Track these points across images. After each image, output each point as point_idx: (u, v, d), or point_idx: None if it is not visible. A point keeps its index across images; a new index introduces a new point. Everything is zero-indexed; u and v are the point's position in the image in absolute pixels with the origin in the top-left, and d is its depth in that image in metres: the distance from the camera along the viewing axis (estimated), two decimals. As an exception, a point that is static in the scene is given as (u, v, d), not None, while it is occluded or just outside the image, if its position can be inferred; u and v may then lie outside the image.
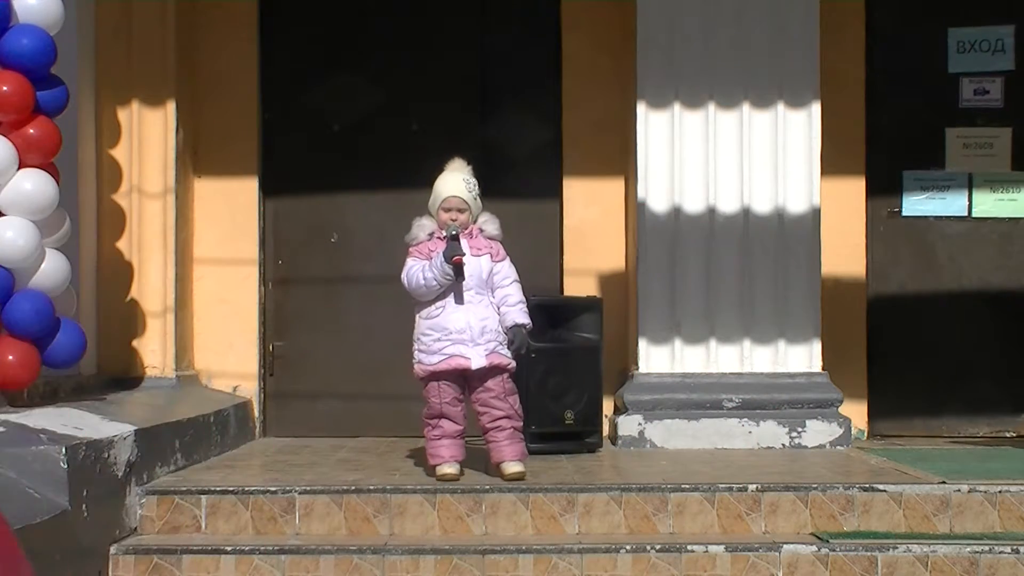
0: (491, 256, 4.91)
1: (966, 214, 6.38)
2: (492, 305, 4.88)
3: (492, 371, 4.82)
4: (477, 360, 4.77)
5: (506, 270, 4.94)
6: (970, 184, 6.38)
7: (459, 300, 4.81)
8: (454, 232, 4.81)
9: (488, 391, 4.83)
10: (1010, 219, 6.37)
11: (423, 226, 4.94)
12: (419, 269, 4.81)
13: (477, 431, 5.03)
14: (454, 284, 4.79)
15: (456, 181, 4.93)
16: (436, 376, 4.82)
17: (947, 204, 6.38)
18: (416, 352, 4.89)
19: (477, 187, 4.97)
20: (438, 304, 4.83)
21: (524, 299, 4.95)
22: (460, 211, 4.89)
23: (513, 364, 4.89)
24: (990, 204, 6.36)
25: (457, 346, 4.78)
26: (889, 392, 6.39)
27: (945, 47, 6.44)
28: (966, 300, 6.34)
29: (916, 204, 6.39)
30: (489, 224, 4.97)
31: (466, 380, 4.86)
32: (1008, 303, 6.34)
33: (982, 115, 6.41)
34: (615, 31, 6.41)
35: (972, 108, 6.41)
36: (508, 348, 4.86)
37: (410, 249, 4.93)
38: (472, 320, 4.80)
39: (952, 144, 6.40)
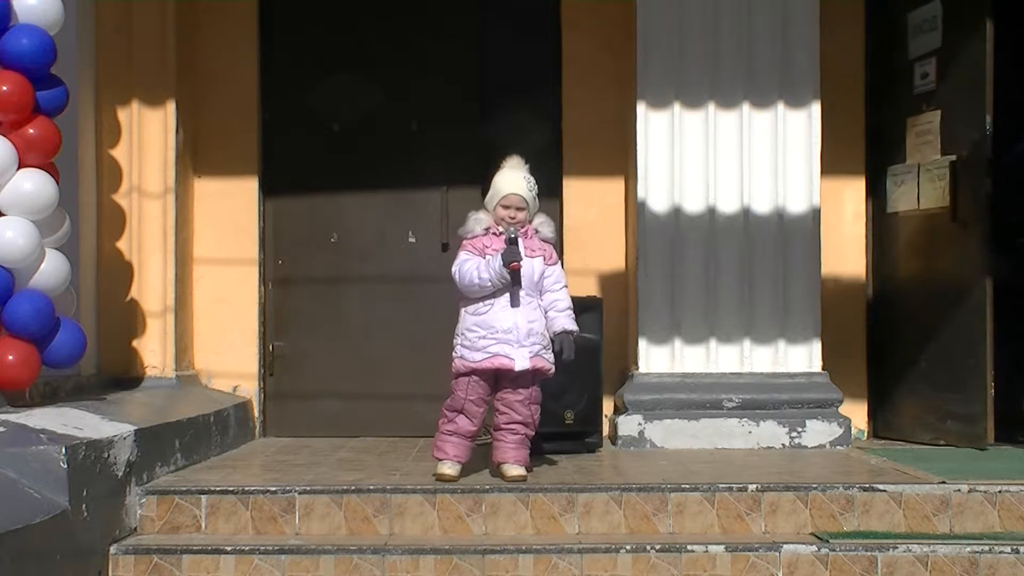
0: (544, 259, 4.87)
1: (916, 206, 6.12)
2: (540, 307, 4.85)
3: (527, 375, 4.78)
4: (521, 362, 4.74)
5: (557, 274, 4.91)
6: (918, 175, 6.11)
7: (515, 303, 4.76)
8: (513, 235, 4.76)
9: (517, 394, 4.81)
10: (939, 208, 5.94)
11: (479, 220, 4.89)
12: (474, 267, 4.76)
13: (482, 433, 5.02)
14: (509, 287, 4.76)
15: (518, 179, 4.88)
16: (473, 372, 4.78)
17: (908, 198, 6.17)
18: (458, 347, 4.83)
19: (536, 187, 4.93)
20: (487, 301, 4.78)
21: (572, 305, 4.92)
22: (519, 209, 4.85)
23: (553, 370, 4.86)
24: (929, 194, 6.04)
25: (502, 345, 4.74)
26: (889, 392, 6.38)
27: (906, 33, 6.20)
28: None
29: (891, 200, 6.31)
30: (544, 226, 4.94)
31: (497, 379, 4.83)
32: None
33: (925, 100, 6.10)
34: (615, 31, 6.40)
35: (920, 94, 6.11)
36: (554, 354, 4.82)
37: (463, 242, 4.88)
38: (520, 321, 4.76)
39: (909, 134, 6.17)
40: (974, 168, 5.75)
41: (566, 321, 4.86)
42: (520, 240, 4.78)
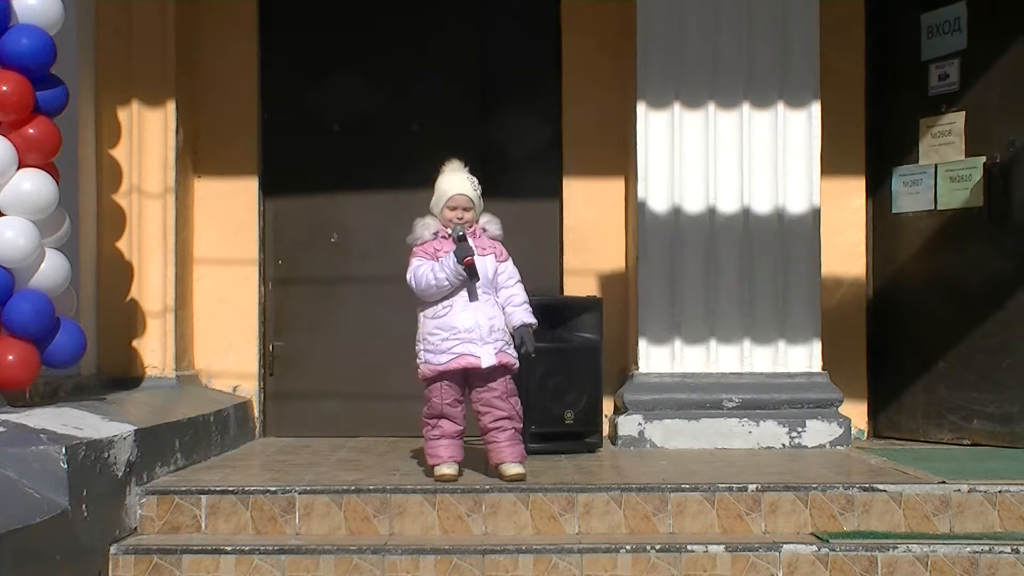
0: (495, 256, 4.91)
1: (932, 207, 6.15)
2: (497, 305, 4.88)
3: (497, 371, 4.81)
4: (487, 359, 4.76)
5: (510, 270, 4.95)
6: (935, 175, 6.14)
7: (474, 297, 4.80)
8: (461, 233, 4.80)
9: (491, 391, 4.82)
10: (964, 209, 6.00)
11: (427, 225, 4.93)
12: (428, 270, 4.79)
13: (476, 432, 5.03)
14: (466, 283, 4.79)
15: (461, 180, 4.93)
16: (442, 376, 4.81)
17: (919, 198, 6.19)
18: (422, 352, 4.87)
19: (480, 186, 4.97)
20: (445, 303, 4.82)
21: (528, 298, 4.96)
22: (466, 209, 4.88)
23: (517, 365, 4.89)
24: (950, 195, 6.07)
25: (466, 345, 4.76)
26: (889, 392, 6.38)
27: (919, 34, 6.23)
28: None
29: (899, 200, 6.32)
30: (491, 224, 4.98)
31: (467, 380, 4.86)
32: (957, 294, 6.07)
33: (945, 101, 6.12)
34: (615, 31, 6.41)
35: (937, 95, 6.14)
36: (515, 348, 4.86)
37: (414, 249, 4.91)
38: (480, 319, 4.79)
39: (924, 136, 6.18)
40: (1012, 169, 5.79)
41: (524, 315, 4.89)
42: (469, 238, 4.82)
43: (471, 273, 4.76)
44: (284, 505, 4.57)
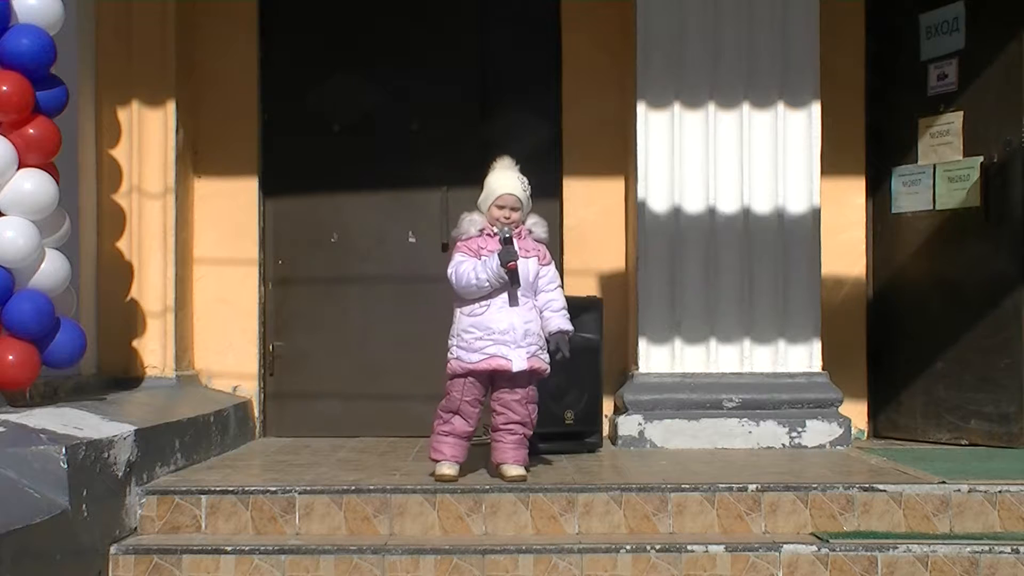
0: (538, 259, 4.86)
1: (931, 207, 6.15)
2: (535, 308, 4.84)
3: (525, 375, 4.77)
4: (518, 363, 4.72)
5: (551, 274, 4.91)
6: (934, 175, 6.14)
7: (514, 302, 4.74)
8: (507, 235, 4.75)
9: (514, 394, 4.80)
10: (962, 209, 5.99)
11: (474, 221, 4.86)
12: (470, 268, 4.74)
13: (480, 432, 5.02)
14: (507, 287, 4.75)
15: (511, 179, 4.86)
16: (469, 374, 4.77)
17: (918, 198, 6.20)
18: (454, 348, 4.81)
19: (529, 187, 4.91)
20: (483, 302, 4.76)
21: (567, 304, 4.92)
22: (514, 209, 4.83)
23: (548, 370, 4.86)
24: (948, 195, 6.08)
25: (499, 347, 4.72)
26: (889, 392, 6.39)
27: (918, 34, 6.24)
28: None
29: (899, 200, 6.32)
30: (538, 227, 4.92)
31: (492, 379, 4.83)
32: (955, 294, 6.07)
33: (943, 101, 6.12)
34: (615, 31, 6.41)
35: (936, 95, 6.14)
36: (549, 354, 4.82)
37: (458, 244, 4.86)
38: (516, 322, 4.74)
39: (922, 135, 6.19)
40: (1010, 169, 5.79)
41: (561, 321, 4.86)
42: (515, 240, 4.78)
43: (513, 278, 4.72)
44: (284, 505, 4.57)
